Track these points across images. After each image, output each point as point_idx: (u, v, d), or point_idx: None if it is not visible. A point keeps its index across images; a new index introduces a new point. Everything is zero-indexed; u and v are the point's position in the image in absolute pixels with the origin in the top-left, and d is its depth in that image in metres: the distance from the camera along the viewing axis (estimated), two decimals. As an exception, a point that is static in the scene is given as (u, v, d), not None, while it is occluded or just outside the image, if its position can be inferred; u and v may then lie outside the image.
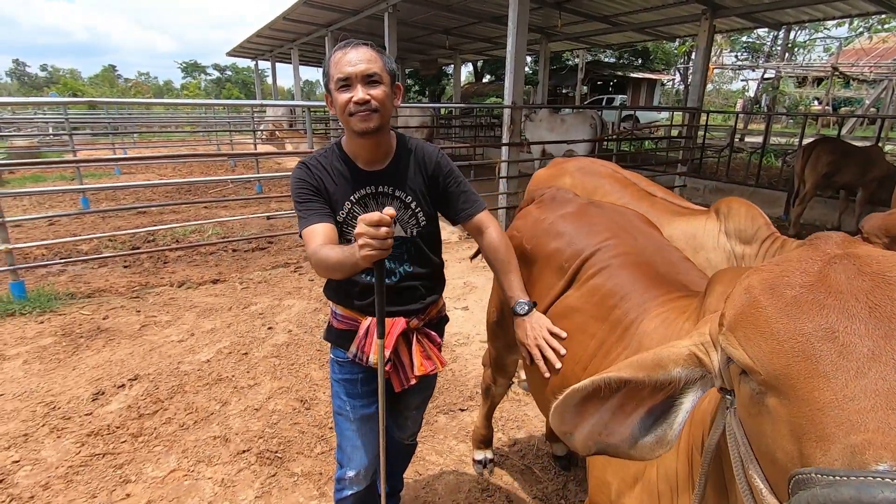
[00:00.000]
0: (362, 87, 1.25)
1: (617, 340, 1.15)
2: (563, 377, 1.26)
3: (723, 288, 0.93)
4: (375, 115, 1.27)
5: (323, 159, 1.38)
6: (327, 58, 1.31)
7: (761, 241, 1.77)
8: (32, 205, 7.48)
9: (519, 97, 6.10)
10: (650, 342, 1.05)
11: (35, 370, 2.98)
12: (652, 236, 1.46)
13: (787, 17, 9.01)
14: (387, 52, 1.33)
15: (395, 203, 1.39)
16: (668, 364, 0.72)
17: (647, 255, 1.34)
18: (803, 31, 20.29)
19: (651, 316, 1.12)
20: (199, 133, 15.00)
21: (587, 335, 1.24)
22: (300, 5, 10.08)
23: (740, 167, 9.98)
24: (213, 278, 4.50)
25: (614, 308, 1.21)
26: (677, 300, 1.14)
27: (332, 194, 1.35)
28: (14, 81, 49.23)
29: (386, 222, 1.03)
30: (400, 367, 1.44)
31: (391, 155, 1.40)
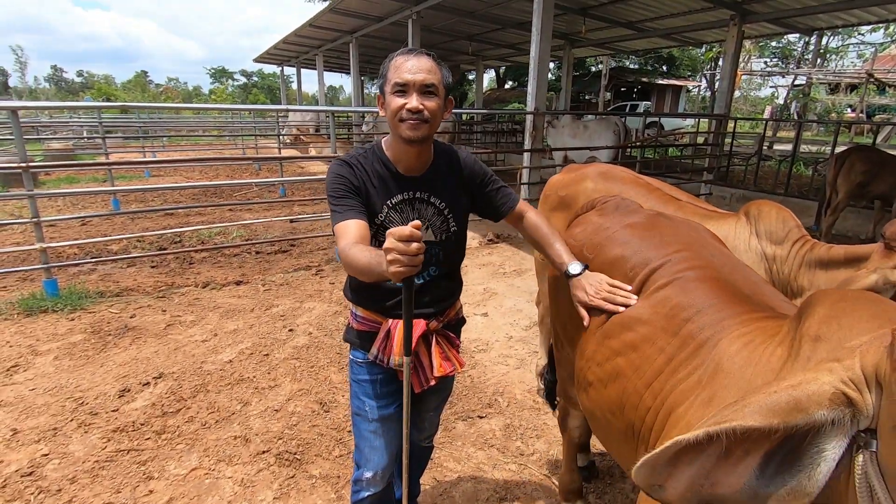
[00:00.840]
0: (418, 95, 1.26)
1: (688, 357, 1.05)
2: (623, 390, 1.17)
3: (826, 311, 0.84)
4: (425, 126, 1.28)
5: (364, 160, 1.38)
6: (387, 60, 1.32)
7: (792, 243, 1.73)
8: (66, 205, 7.73)
9: (542, 103, 6.07)
10: (731, 366, 0.94)
11: (65, 366, 3.07)
12: (729, 255, 1.36)
13: (819, 22, 8.79)
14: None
15: (430, 209, 1.41)
16: (810, 406, 0.62)
17: (725, 272, 1.22)
18: (836, 37, 19.76)
19: (732, 336, 1.00)
20: (226, 137, 15.34)
21: (654, 348, 1.14)
22: (326, 12, 10.26)
23: (769, 175, 9.75)
24: (237, 280, 4.58)
25: (687, 322, 1.11)
26: (762, 321, 1.02)
27: (372, 196, 1.35)
28: (52, 86, 51.19)
29: (417, 237, 0.99)
30: (420, 368, 1.44)
31: (430, 162, 1.42)
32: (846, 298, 0.86)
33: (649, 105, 21.96)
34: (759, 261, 1.75)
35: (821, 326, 0.81)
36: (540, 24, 5.81)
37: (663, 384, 1.06)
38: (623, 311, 1.25)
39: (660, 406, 1.04)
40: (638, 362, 1.16)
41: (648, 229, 1.43)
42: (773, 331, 0.95)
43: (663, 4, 8.35)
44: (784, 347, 0.88)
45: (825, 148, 13.21)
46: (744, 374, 0.90)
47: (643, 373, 1.13)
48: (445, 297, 1.50)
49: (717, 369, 0.96)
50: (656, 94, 23.89)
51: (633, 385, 1.15)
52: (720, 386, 0.92)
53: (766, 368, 0.87)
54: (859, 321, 0.78)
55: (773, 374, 0.84)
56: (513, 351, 3.39)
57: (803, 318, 0.87)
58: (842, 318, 0.80)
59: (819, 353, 0.78)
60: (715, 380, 0.94)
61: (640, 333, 1.19)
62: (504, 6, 8.93)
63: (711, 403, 0.90)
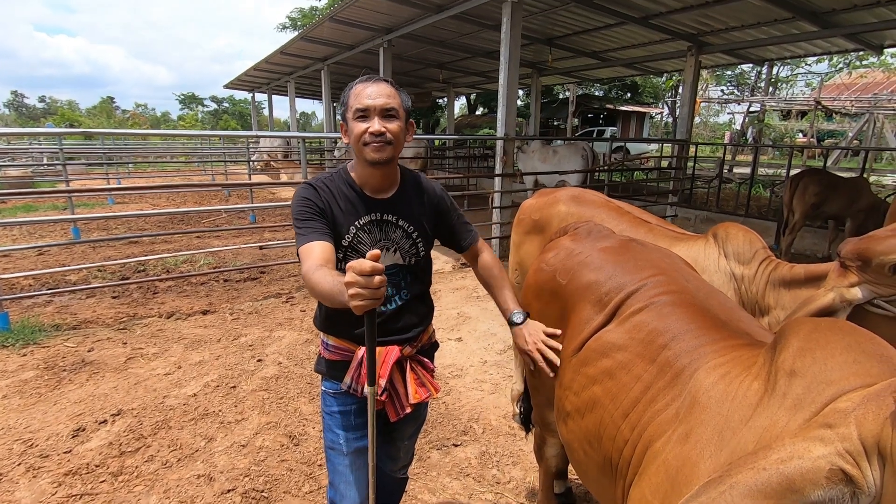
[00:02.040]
0: (379, 119, 1.30)
1: (666, 386, 1.02)
2: (600, 421, 1.14)
3: (799, 343, 0.82)
4: (389, 148, 1.32)
5: (330, 183, 1.39)
6: (347, 89, 1.35)
7: (759, 263, 1.79)
8: (23, 235, 7.40)
9: (511, 129, 6.20)
10: (708, 400, 0.92)
11: (14, 405, 2.88)
12: (702, 280, 1.36)
13: (769, 53, 9.33)
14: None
15: (398, 231, 1.43)
16: (805, 486, 0.57)
17: (701, 297, 1.21)
18: (785, 67, 20.99)
19: (709, 366, 0.98)
20: (195, 163, 15.08)
21: (631, 376, 1.11)
22: (298, 40, 10.32)
23: (730, 197, 10.13)
24: (203, 309, 4.43)
25: (663, 349, 1.09)
26: (738, 349, 1.01)
27: (338, 217, 1.36)
28: (12, 112, 49.60)
29: (379, 270, 0.98)
30: (395, 395, 1.42)
31: (396, 185, 1.45)
32: (819, 329, 0.85)
33: (616, 130, 22.71)
34: (728, 280, 1.80)
35: (795, 360, 0.80)
36: (508, 53, 5.97)
37: (641, 415, 1.03)
38: (548, 367, 1.39)
39: (637, 438, 1.02)
40: (615, 391, 1.13)
41: (621, 254, 1.42)
42: (749, 361, 0.94)
43: (625, 36, 8.73)
44: (760, 381, 0.86)
45: (781, 171, 13.87)
46: (720, 409, 0.88)
47: (620, 402, 1.11)
48: (417, 321, 1.50)
49: (694, 402, 0.94)
50: (622, 120, 24.74)
51: (610, 415, 1.12)
52: (697, 421, 0.90)
53: (743, 403, 0.85)
54: (833, 354, 0.78)
55: (750, 410, 0.83)
56: (487, 376, 3.35)
57: (778, 349, 0.86)
58: (816, 350, 0.80)
59: (794, 389, 0.78)
60: (692, 414, 0.92)
61: (616, 360, 1.17)
62: (473, 36, 9.17)
63: (688, 440, 0.89)
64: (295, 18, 23.66)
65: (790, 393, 0.77)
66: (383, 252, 1.40)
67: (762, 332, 1.13)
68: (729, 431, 0.83)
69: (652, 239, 1.94)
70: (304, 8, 23.55)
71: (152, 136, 20.52)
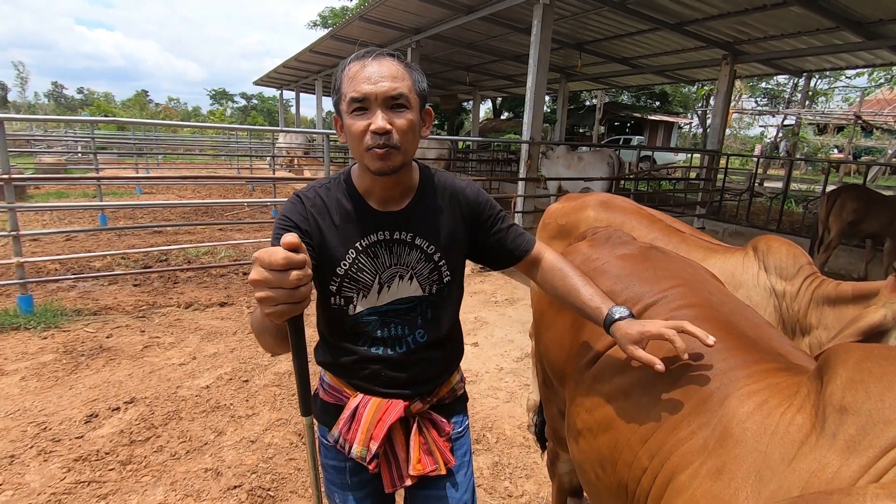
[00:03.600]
0: (383, 112, 0.94)
1: (691, 412, 0.92)
2: (615, 444, 1.04)
3: (850, 374, 0.74)
4: (397, 153, 0.96)
5: (324, 193, 1.07)
6: (340, 69, 1.01)
7: (803, 279, 1.67)
8: (53, 220, 7.59)
9: (537, 133, 6.11)
10: (743, 433, 0.82)
11: (31, 387, 2.90)
12: (729, 294, 1.24)
13: (808, 64, 9.04)
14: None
15: (414, 254, 1.08)
16: None
17: (726, 312, 1.09)
18: (823, 80, 20.38)
19: (741, 392, 0.88)
20: (222, 157, 15.34)
21: (648, 396, 1.01)
22: (327, 38, 10.41)
23: (761, 211, 9.84)
24: (221, 301, 4.45)
25: (687, 369, 0.98)
26: (774, 374, 0.90)
27: (330, 239, 1.04)
28: (51, 102, 51.37)
29: (295, 263, 0.73)
30: (393, 460, 1.12)
31: (412, 192, 1.09)
32: (871, 357, 0.75)
33: (643, 139, 22.36)
34: (767, 296, 1.68)
35: (846, 394, 0.72)
36: (537, 56, 5.89)
37: (662, 441, 0.94)
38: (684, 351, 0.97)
39: (658, 468, 0.93)
40: (632, 412, 1.03)
41: (641, 262, 1.33)
42: (790, 390, 0.84)
43: (657, 42, 8.56)
44: (805, 415, 0.77)
45: (814, 186, 13.43)
46: (758, 445, 0.79)
47: (637, 424, 1.01)
48: (435, 372, 1.16)
49: (726, 434, 0.84)
50: (649, 130, 24.36)
51: (626, 438, 1.02)
52: (731, 456, 0.80)
53: (786, 440, 0.76)
54: (891, 387, 0.69)
55: (793, 448, 0.74)
56: (503, 383, 3.27)
57: (825, 380, 0.77)
58: (869, 383, 0.71)
59: (847, 429, 0.69)
60: (723, 447, 0.83)
61: (633, 378, 1.07)
62: (502, 38, 9.11)
63: (721, 476, 0.80)
64: (325, 17, 23.94)
65: (841, 433, 0.69)
66: (395, 281, 1.08)
67: (797, 353, 1.03)
68: (769, 471, 0.75)
69: (685, 249, 1.83)
70: (336, 7, 23.81)
71: (181, 127, 20.95)
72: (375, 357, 1.10)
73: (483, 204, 1.16)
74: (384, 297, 1.08)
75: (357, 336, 1.10)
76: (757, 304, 1.66)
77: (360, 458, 1.07)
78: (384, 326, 1.10)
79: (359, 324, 1.09)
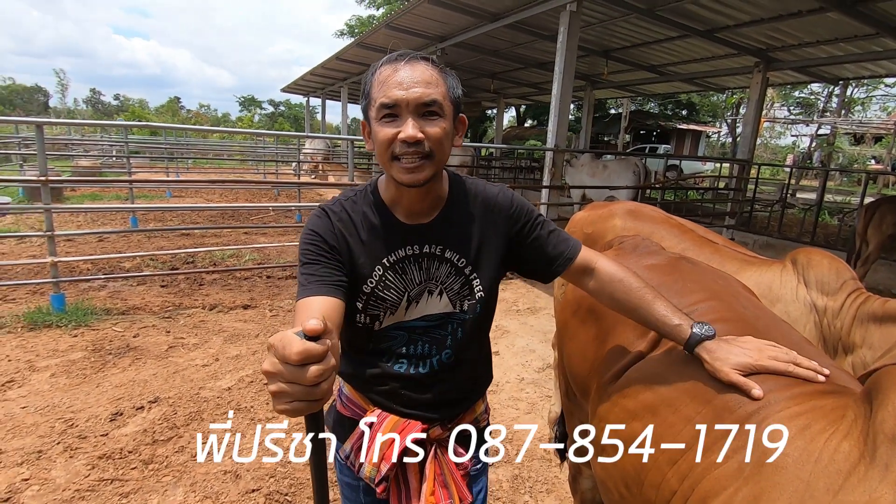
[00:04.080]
0: (414, 119, 0.89)
1: (725, 434, 0.86)
2: (641, 464, 0.99)
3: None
4: (428, 163, 0.91)
5: (351, 206, 1.02)
6: (370, 72, 0.95)
7: (847, 295, 1.57)
8: (87, 221, 7.84)
9: (562, 140, 6.04)
10: (783, 458, 0.76)
11: (61, 384, 2.97)
12: (761, 307, 1.16)
13: (845, 72, 8.75)
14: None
15: (444, 268, 1.03)
16: None
17: (761, 328, 1.03)
18: (860, 88, 19.73)
19: (782, 415, 0.82)
20: (249, 162, 15.67)
21: (678, 415, 0.96)
22: (353, 46, 10.55)
23: (793, 223, 9.53)
24: (245, 303, 4.50)
25: (720, 389, 0.92)
26: (817, 396, 0.85)
27: (357, 256, 0.99)
28: (89, 108, 53.38)
29: (313, 356, 0.61)
30: (404, 487, 1.05)
31: (442, 203, 1.04)
32: None
33: (669, 148, 21.98)
34: (807, 312, 1.59)
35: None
36: (563, 63, 5.84)
37: (693, 465, 0.88)
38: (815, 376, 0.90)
39: (689, 491, 0.87)
40: (659, 430, 0.98)
41: (669, 273, 1.27)
42: (836, 414, 0.78)
43: (686, 49, 8.41)
44: (852, 442, 0.72)
45: (850, 198, 12.96)
46: (800, 473, 0.73)
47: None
48: (459, 397, 1.10)
49: (765, 459, 0.79)
50: (676, 138, 23.93)
51: (653, 458, 0.97)
52: (770, 483, 0.75)
53: (831, 469, 0.71)
54: None
55: (839, 478, 0.69)
56: (524, 394, 3.21)
57: (874, 405, 0.72)
58: None
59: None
60: (762, 473, 0.77)
61: (660, 395, 1.01)
62: (527, 46, 9.08)
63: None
64: (353, 26, 24.31)
65: (893, 464, 0.64)
66: (424, 297, 1.03)
67: (841, 374, 0.96)
68: (812, 502, 0.69)
69: (718, 261, 1.76)
70: (363, 16, 24.16)
71: (211, 132, 21.49)
72: (397, 375, 1.05)
73: (517, 209, 1.08)
74: (412, 312, 1.04)
75: (381, 352, 1.06)
76: (795, 320, 1.58)
77: (368, 478, 1.01)
78: (410, 343, 1.05)
79: (384, 338, 1.05)
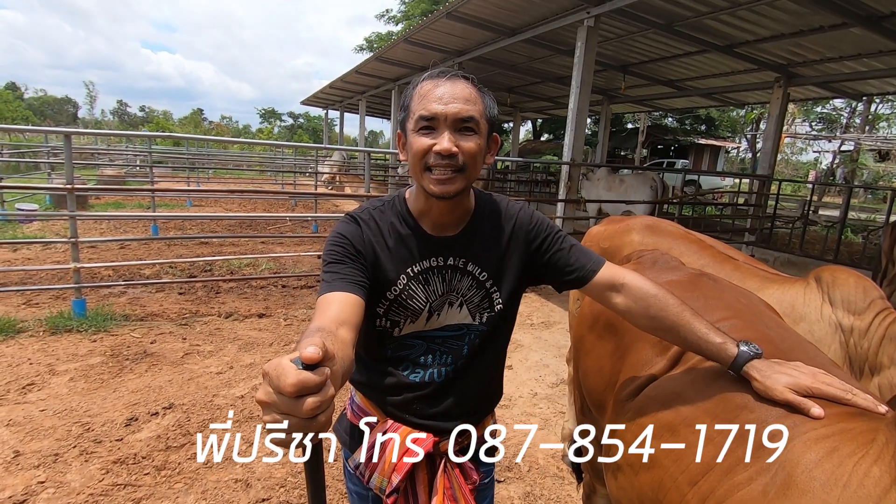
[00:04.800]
0: (450, 133, 0.93)
1: (744, 457, 0.85)
2: (660, 483, 0.97)
3: None
4: (460, 177, 0.95)
5: (379, 215, 1.06)
6: (412, 86, 1.00)
7: (875, 314, 1.52)
8: (110, 228, 8.02)
9: (579, 154, 6.03)
10: (809, 482, 0.75)
11: (79, 388, 3.02)
12: (786, 328, 1.16)
13: (869, 87, 8.61)
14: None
15: (466, 280, 1.05)
16: None
17: (786, 349, 1.02)
18: (885, 104, 19.37)
19: (808, 437, 0.80)
20: (268, 173, 15.93)
21: (698, 436, 0.95)
22: (372, 60, 10.71)
23: (816, 240, 9.33)
24: (260, 312, 4.54)
25: (743, 409, 0.90)
26: (845, 419, 0.82)
27: (384, 263, 1.02)
28: (116, 119, 54.99)
29: (309, 387, 0.56)
30: (412, 500, 1.05)
31: (468, 217, 1.07)
32: None
33: (687, 163, 21.78)
34: (832, 332, 1.55)
35: None
36: (580, 77, 5.85)
37: (714, 486, 0.86)
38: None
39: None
40: (679, 451, 0.96)
41: (690, 290, 1.26)
42: (864, 438, 0.76)
43: (705, 64, 8.36)
44: (882, 467, 0.70)
45: (875, 216, 12.66)
46: (828, 497, 0.72)
47: (686, 465, 0.94)
48: (471, 407, 1.11)
49: (791, 482, 0.76)
50: (694, 154, 23.71)
51: (672, 478, 0.95)
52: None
53: (860, 494, 0.69)
54: None
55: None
56: (537, 409, 3.16)
57: None
58: None
59: None
60: (787, 497, 0.75)
61: (680, 414, 1.00)
62: (544, 60, 9.12)
63: None
64: (372, 41, 24.74)
65: None
66: (445, 308, 1.05)
67: (868, 398, 0.92)
68: None
69: (738, 278, 1.72)
70: (382, 32, 24.58)
71: (231, 143, 21.93)
72: (413, 384, 1.06)
73: (537, 225, 1.11)
74: (433, 322, 1.06)
75: (398, 360, 1.07)
76: (820, 340, 1.54)
77: (379, 489, 1.01)
78: (428, 353, 1.07)
79: (402, 346, 1.06)
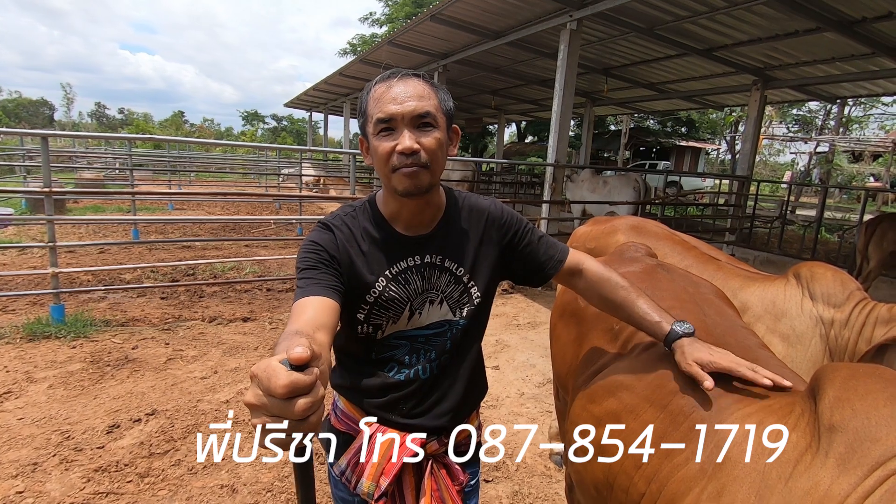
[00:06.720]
0: (410, 131, 0.94)
1: (680, 439, 0.92)
2: (609, 468, 1.03)
3: (836, 392, 0.75)
4: (425, 172, 0.96)
5: (351, 221, 1.06)
6: (366, 91, 1.00)
7: (853, 305, 1.57)
8: (88, 233, 7.86)
9: (562, 156, 6.09)
10: (739, 453, 0.82)
11: (58, 396, 2.95)
12: (725, 314, 1.24)
13: (843, 90, 8.85)
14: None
15: (444, 277, 1.07)
16: None
17: (717, 334, 1.10)
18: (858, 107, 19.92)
19: (735, 417, 0.88)
20: (251, 175, 15.75)
21: (637, 422, 1.01)
22: (356, 62, 10.68)
23: (793, 240, 9.54)
24: (244, 316, 4.49)
25: (675, 395, 0.98)
26: (764, 397, 0.91)
27: (360, 267, 1.02)
28: (94, 122, 53.85)
29: (301, 389, 0.56)
30: (400, 502, 1.06)
31: (440, 215, 1.09)
32: (856, 376, 0.78)
33: (669, 165, 22.10)
34: (813, 326, 1.59)
35: (833, 412, 0.74)
36: (563, 80, 5.91)
37: (657, 469, 0.93)
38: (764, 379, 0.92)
39: (656, 494, 0.91)
40: (622, 437, 1.03)
41: (643, 280, 1.33)
42: (784, 410, 0.85)
43: (685, 68, 8.51)
44: (799, 433, 0.78)
45: (850, 215, 13.00)
46: (756, 465, 0.80)
47: (630, 450, 1.01)
48: (457, 404, 1.11)
49: (725, 456, 0.85)
50: (675, 155, 24.08)
51: (619, 463, 1.01)
52: (730, 478, 0.81)
53: (783, 459, 0.77)
54: (875, 406, 0.71)
55: (789, 467, 0.75)
56: (524, 409, 3.18)
57: (818, 399, 0.79)
58: (854, 401, 0.73)
59: (836, 447, 0.70)
60: (723, 469, 0.83)
61: (622, 402, 1.07)
62: (528, 63, 9.19)
63: (722, 498, 0.81)
64: (355, 45, 24.62)
65: (832, 451, 0.71)
66: (426, 306, 1.07)
67: (790, 374, 1.02)
68: (767, 490, 0.76)
69: (721, 278, 1.76)
70: (366, 35, 24.50)
71: (213, 146, 21.64)
72: (398, 383, 1.06)
73: (508, 219, 1.14)
74: (415, 321, 1.06)
75: (383, 361, 1.07)
76: (801, 335, 1.58)
77: (367, 494, 1.01)
78: (412, 352, 1.07)
79: (386, 347, 1.07)
